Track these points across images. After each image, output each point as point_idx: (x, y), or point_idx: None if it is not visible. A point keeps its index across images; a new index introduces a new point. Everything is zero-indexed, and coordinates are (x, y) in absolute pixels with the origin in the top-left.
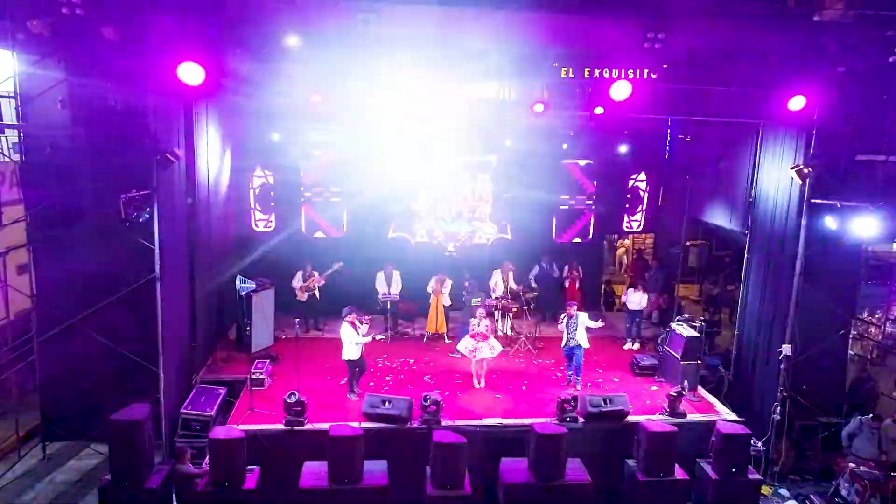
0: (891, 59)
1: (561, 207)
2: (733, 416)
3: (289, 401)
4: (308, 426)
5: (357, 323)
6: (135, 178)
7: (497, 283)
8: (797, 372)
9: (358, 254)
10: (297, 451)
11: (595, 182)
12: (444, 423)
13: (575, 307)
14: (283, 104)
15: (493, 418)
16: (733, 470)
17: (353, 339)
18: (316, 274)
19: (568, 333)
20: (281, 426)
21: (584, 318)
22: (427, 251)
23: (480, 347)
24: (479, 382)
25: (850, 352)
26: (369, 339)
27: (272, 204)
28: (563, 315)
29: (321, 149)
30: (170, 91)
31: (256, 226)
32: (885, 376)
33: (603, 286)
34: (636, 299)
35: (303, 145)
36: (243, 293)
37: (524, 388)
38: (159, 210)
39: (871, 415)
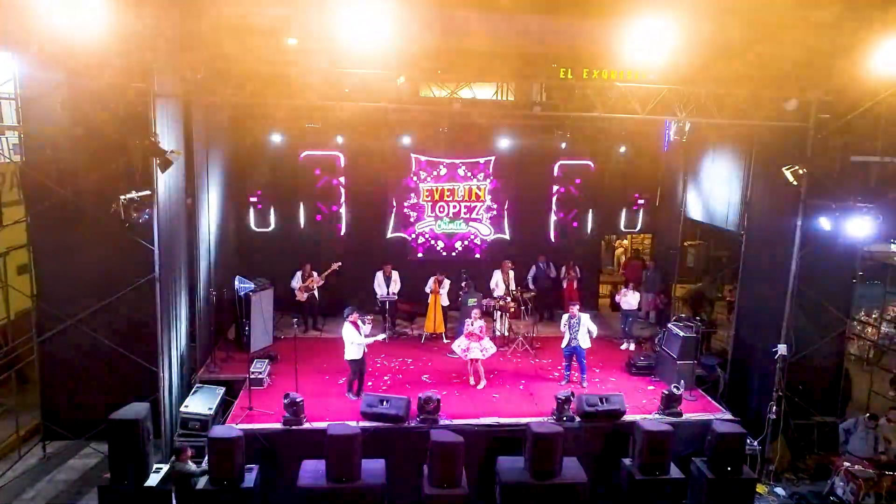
0: None
1: (558, 208)
2: (729, 416)
3: (287, 400)
4: (306, 425)
5: (360, 323)
6: (134, 179)
7: (498, 282)
8: (793, 371)
9: (357, 254)
10: (295, 450)
11: (593, 182)
12: (441, 423)
13: (578, 307)
14: (282, 104)
15: (491, 417)
16: (729, 469)
17: (354, 339)
18: (315, 274)
19: (570, 334)
20: (279, 425)
21: (586, 320)
22: (425, 251)
23: (472, 348)
24: (479, 383)
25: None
26: (371, 340)
27: (271, 204)
28: (566, 315)
29: (320, 149)
30: (169, 92)
31: (256, 226)
32: (882, 376)
33: (610, 288)
34: (629, 299)
35: (302, 145)
36: (242, 293)
37: (521, 387)
38: (159, 210)
39: (867, 414)
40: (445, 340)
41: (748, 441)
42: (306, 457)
